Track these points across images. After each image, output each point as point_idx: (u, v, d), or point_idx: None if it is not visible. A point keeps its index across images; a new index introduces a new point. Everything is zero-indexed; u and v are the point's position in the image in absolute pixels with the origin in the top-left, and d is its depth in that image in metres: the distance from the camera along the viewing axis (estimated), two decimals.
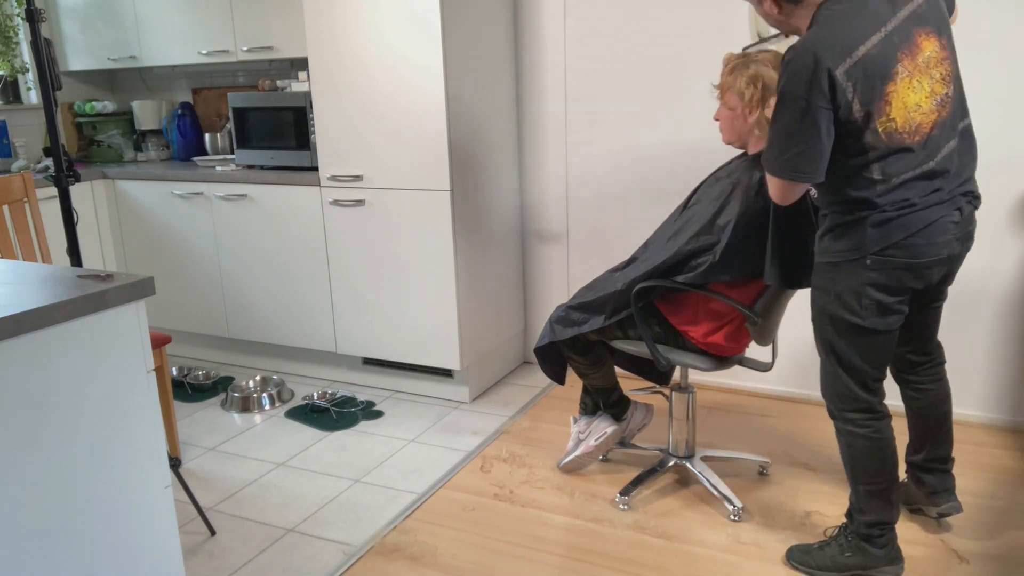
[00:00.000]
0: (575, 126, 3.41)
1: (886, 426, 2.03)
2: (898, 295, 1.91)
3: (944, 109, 1.85)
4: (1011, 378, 2.92)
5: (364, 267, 3.35)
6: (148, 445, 1.62)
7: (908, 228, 1.84)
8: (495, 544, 2.34)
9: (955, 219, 1.88)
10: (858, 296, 1.91)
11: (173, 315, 3.93)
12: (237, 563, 2.29)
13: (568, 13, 3.31)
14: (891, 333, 1.96)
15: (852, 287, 1.91)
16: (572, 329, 2.46)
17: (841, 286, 1.93)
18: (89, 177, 3.83)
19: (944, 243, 1.87)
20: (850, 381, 2.00)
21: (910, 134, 1.82)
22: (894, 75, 1.78)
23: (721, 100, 2.30)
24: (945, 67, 1.85)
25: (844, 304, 1.94)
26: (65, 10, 4.11)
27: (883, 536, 2.06)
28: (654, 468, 2.61)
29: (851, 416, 2.03)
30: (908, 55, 1.79)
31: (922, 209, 1.84)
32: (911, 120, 1.81)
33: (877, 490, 2.03)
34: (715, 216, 2.23)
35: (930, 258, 1.87)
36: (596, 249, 3.48)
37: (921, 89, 1.81)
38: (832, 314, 1.97)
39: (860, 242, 1.88)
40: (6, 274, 1.63)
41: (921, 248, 1.86)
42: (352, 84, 3.17)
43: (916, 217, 1.84)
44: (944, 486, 2.29)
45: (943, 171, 1.85)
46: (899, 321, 1.96)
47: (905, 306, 1.94)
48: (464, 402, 3.37)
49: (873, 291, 1.89)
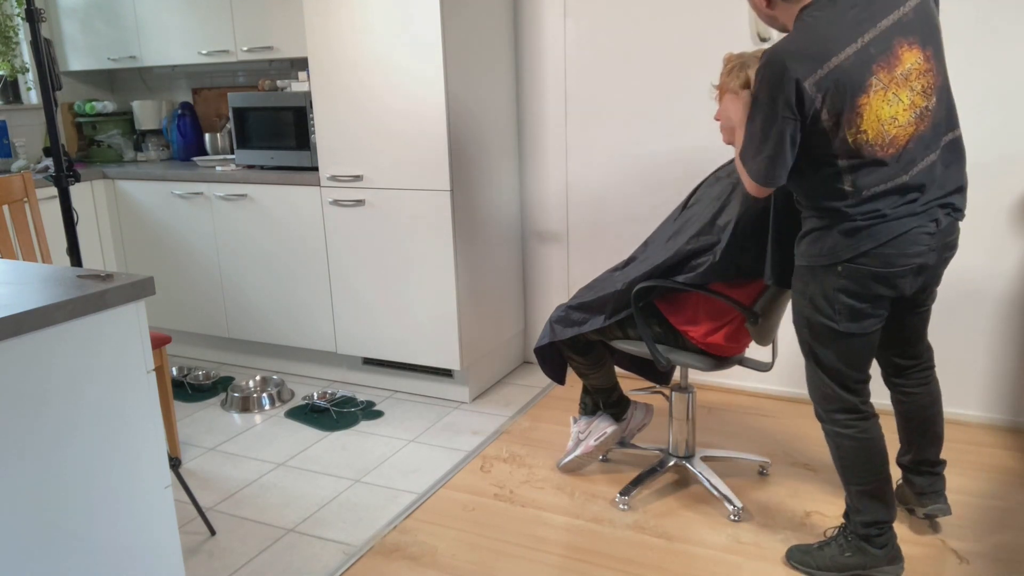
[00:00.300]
0: (575, 126, 3.41)
1: (873, 425, 2.02)
2: (869, 301, 1.91)
3: (923, 122, 1.82)
4: (1011, 378, 2.92)
5: (364, 267, 3.35)
6: (148, 445, 1.62)
7: (877, 238, 1.84)
8: (495, 544, 2.34)
9: (929, 230, 1.86)
10: (830, 301, 1.92)
11: (173, 315, 3.93)
12: (237, 563, 2.29)
13: (568, 13, 3.31)
14: (868, 336, 1.96)
15: (825, 292, 1.92)
16: (572, 329, 2.46)
17: (814, 290, 1.94)
18: (89, 177, 3.83)
19: (916, 253, 1.86)
20: (831, 383, 2.01)
21: (883, 147, 1.80)
22: (867, 87, 1.76)
23: (719, 101, 2.30)
24: (928, 79, 1.82)
25: (818, 308, 1.95)
26: (65, 10, 4.11)
27: (882, 535, 2.06)
28: (654, 468, 2.61)
29: (837, 417, 2.03)
30: (885, 67, 1.77)
31: (893, 220, 1.83)
32: (884, 133, 1.79)
33: (869, 490, 2.03)
34: (715, 216, 2.23)
35: (900, 267, 1.86)
36: (596, 249, 3.48)
37: (898, 102, 1.79)
38: (808, 317, 1.98)
39: (832, 248, 1.88)
40: (6, 274, 1.63)
41: (891, 258, 1.85)
42: (352, 84, 3.17)
43: (886, 227, 1.83)
44: (932, 488, 2.28)
45: (918, 185, 1.83)
46: (876, 324, 1.95)
47: (882, 310, 1.94)
48: (464, 402, 3.37)
49: (844, 297, 1.90)
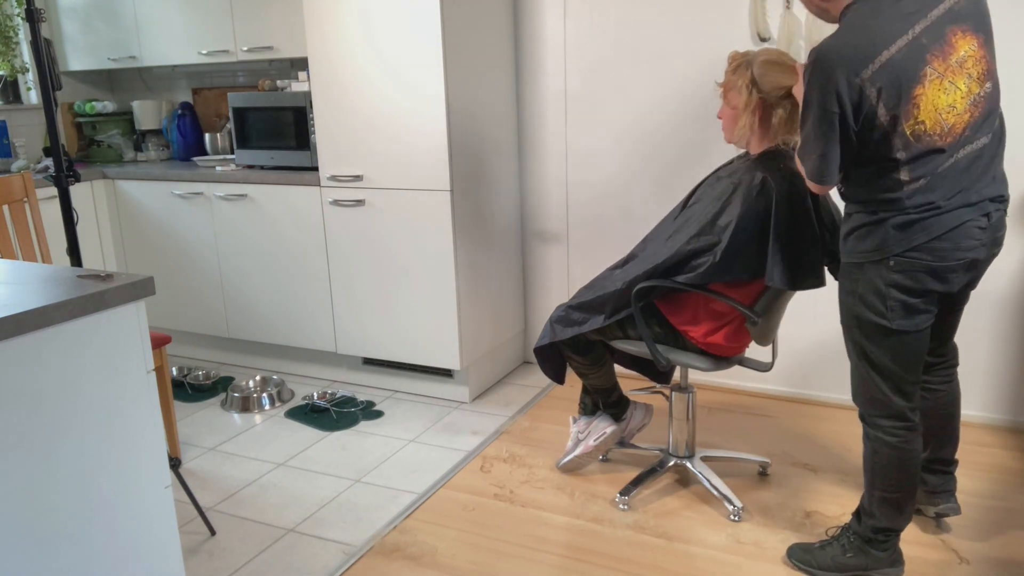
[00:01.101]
0: (575, 126, 3.41)
1: (916, 437, 1.98)
2: (921, 297, 1.87)
3: (978, 108, 1.82)
4: (1011, 378, 2.92)
5: (364, 267, 3.35)
6: (148, 445, 1.61)
7: (931, 231, 1.81)
8: (495, 544, 2.34)
9: (982, 224, 1.84)
10: (882, 297, 1.88)
11: (173, 315, 3.93)
12: (237, 563, 2.29)
13: (568, 13, 3.31)
14: (921, 333, 1.92)
15: (876, 288, 1.88)
16: (572, 329, 2.46)
17: (865, 287, 1.90)
18: (89, 177, 3.83)
19: (969, 247, 1.83)
20: (883, 384, 1.95)
21: (942, 136, 1.78)
22: (922, 77, 1.75)
23: (724, 99, 2.30)
24: (983, 65, 1.82)
25: (869, 305, 1.90)
26: (65, 10, 4.11)
27: (887, 541, 2.05)
28: (654, 468, 2.61)
29: (882, 423, 1.98)
30: (939, 56, 1.76)
31: (946, 212, 1.80)
32: (943, 122, 1.77)
33: (892, 498, 2.01)
34: (716, 216, 2.23)
35: (954, 262, 1.83)
36: (596, 249, 3.48)
37: (955, 90, 1.77)
38: (858, 315, 1.93)
39: (883, 242, 1.85)
40: (6, 274, 1.63)
41: (945, 252, 1.82)
42: (352, 84, 3.17)
43: (939, 220, 1.81)
44: (945, 487, 2.28)
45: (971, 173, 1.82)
46: (928, 321, 1.91)
47: (932, 307, 1.90)
48: (464, 402, 3.37)
49: (897, 292, 1.86)
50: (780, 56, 2.22)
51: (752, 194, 2.18)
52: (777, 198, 2.15)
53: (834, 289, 2.52)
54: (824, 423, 3.04)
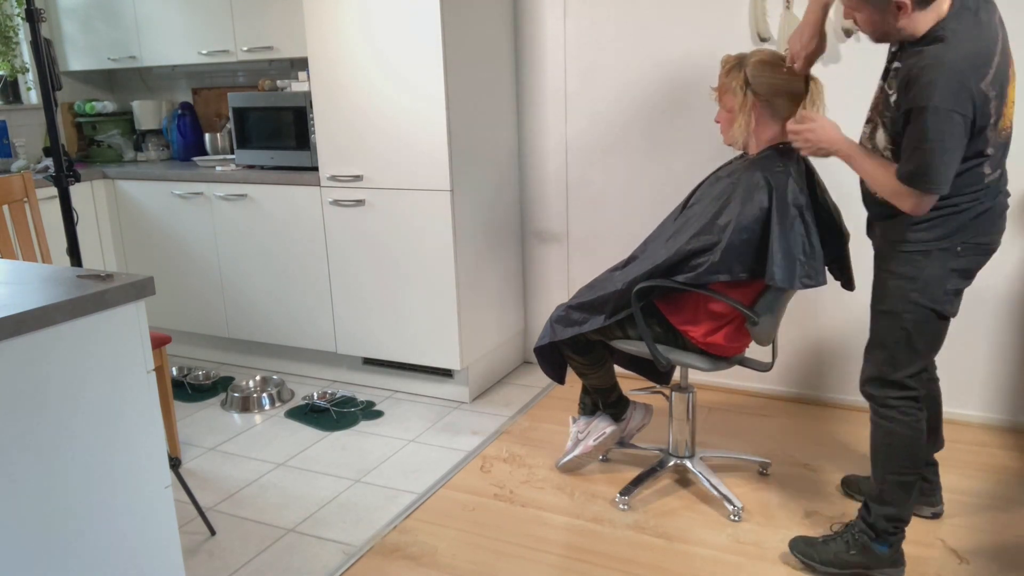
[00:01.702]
0: (575, 126, 3.41)
1: (924, 417, 2.05)
2: (970, 280, 1.99)
3: None
4: (1011, 378, 2.92)
5: (364, 267, 3.35)
6: (148, 445, 1.61)
7: (994, 218, 1.95)
8: (495, 544, 2.34)
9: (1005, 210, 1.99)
10: (944, 282, 1.95)
11: (173, 315, 3.93)
12: (237, 563, 2.29)
13: (568, 13, 3.31)
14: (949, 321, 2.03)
15: (939, 275, 1.95)
16: (572, 329, 2.46)
17: (928, 274, 1.95)
18: (89, 177, 3.83)
19: (999, 231, 1.98)
20: (911, 367, 2.01)
21: (1009, 129, 1.92)
22: (1012, 77, 1.87)
23: (720, 102, 2.30)
24: None
25: (927, 292, 1.95)
26: (65, 10, 4.11)
27: (896, 534, 2.07)
28: (654, 468, 2.61)
29: (897, 403, 2.03)
30: (1009, 54, 1.89)
31: (1000, 198, 1.95)
32: (1011, 116, 1.91)
33: (905, 481, 2.04)
34: (716, 216, 2.23)
35: (996, 244, 1.98)
36: (596, 249, 3.48)
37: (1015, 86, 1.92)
38: (915, 302, 1.97)
39: (957, 230, 1.92)
40: (6, 274, 1.63)
41: (995, 235, 1.97)
42: (352, 84, 3.17)
43: (998, 207, 1.95)
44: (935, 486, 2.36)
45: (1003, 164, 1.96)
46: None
47: None
48: (464, 402, 3.37)
49: (957, 278, 1.96)
50: (773, 56, 2.23)
51: (751, 194, 2.18)
52: (776, 197, 2.15)
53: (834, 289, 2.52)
54: (824, 423, 3.04)
